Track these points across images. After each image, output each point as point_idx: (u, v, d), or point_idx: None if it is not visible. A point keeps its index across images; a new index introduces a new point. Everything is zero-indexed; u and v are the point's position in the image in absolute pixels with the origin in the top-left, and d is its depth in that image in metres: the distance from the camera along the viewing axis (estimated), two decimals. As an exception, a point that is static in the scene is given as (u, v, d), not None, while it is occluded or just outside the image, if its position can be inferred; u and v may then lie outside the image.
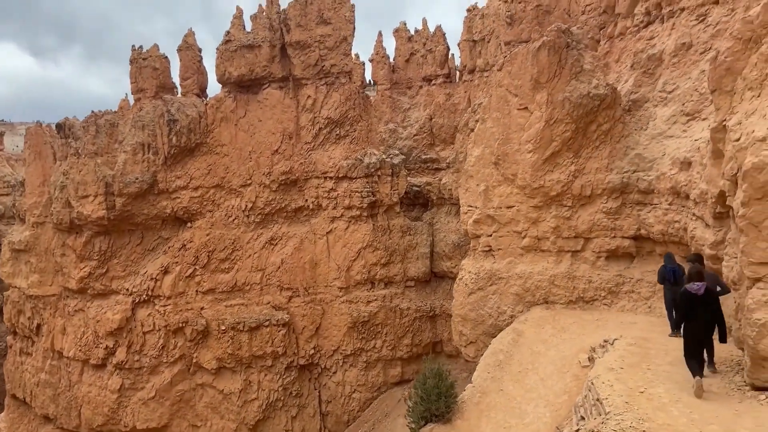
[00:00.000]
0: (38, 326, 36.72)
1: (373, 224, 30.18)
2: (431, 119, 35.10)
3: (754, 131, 8.71)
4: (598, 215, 17.66)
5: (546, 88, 17.75)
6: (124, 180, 30.08)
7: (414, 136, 35.32)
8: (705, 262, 12.26)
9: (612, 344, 13.34)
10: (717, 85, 10.14)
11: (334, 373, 31.15)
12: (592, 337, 15.17)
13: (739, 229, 8.67)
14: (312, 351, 30.98)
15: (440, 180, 32.53)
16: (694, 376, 9.14)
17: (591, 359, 13.94)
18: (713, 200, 11.14)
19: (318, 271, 30.80)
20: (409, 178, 32.59)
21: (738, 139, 9.07)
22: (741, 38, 9.75)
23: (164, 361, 31.34)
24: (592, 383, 9.63)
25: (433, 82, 36.66)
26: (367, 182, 29.93)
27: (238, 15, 30.70)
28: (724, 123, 9.82)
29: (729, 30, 10.64)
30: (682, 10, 18.25)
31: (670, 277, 13.35)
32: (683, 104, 16.81)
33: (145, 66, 31.98)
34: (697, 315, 9.33)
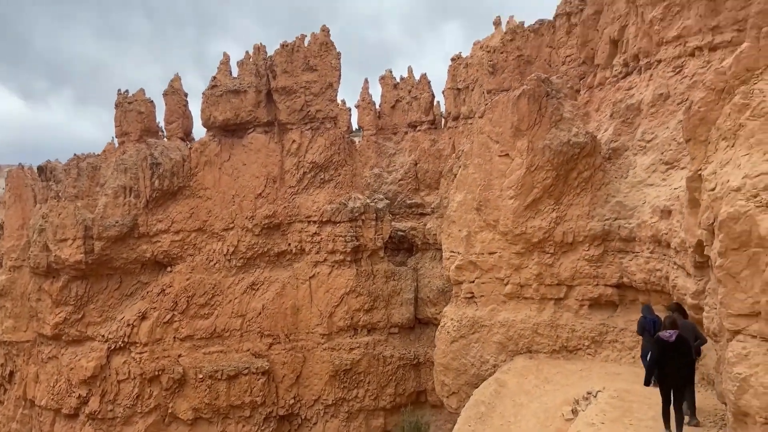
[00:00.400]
0: (11, 373, 35.60)
1: (357, 269, 29.84)
2: (416, 164, 35.28)
3: (728, 181, 8.65)
4: (581, 263, 17.48)
5: (526, 135, 17.83)
6: (104, 223, 29.66)
7: (399, 181, 35.41)
8: (687, 311, 12.10)
9: (595, 396, 13.01)
10: (691, 134, 10.15)
11: (315, 424, 30.21)
12: (576, 389, 14.78)
13: (717, 280, 8.51)
14: (292, 401, 30.11)
15: (425, 225, 32.44)
16: (666, 427, 9.33)
17: (575, 412, 13.53)
18: (692, 250, 11.02)
19: (300, 317, 30.24)
20: (394, 223, 32.45)
21: (713, 189, 9.00)
22: (714, 89, 9.82)
23: (138, 411, 30.31)
24: (572, 440, 9.25)
25: (418, 128, 37.02)
26: (351, 227, 29.75)
27: (225, 61, 31.00)
28: (699, 172, 9.78)
29: (702, 81, 10.75)
30: (659, 62, 18.59)
31: (650, 328, 13.24)
32: (662, 153, 16.92)
33: (131, 110, 32.02)
34: (668, 362, 9.31)
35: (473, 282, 19.01)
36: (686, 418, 9.76)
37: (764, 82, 8.99)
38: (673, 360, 9.24)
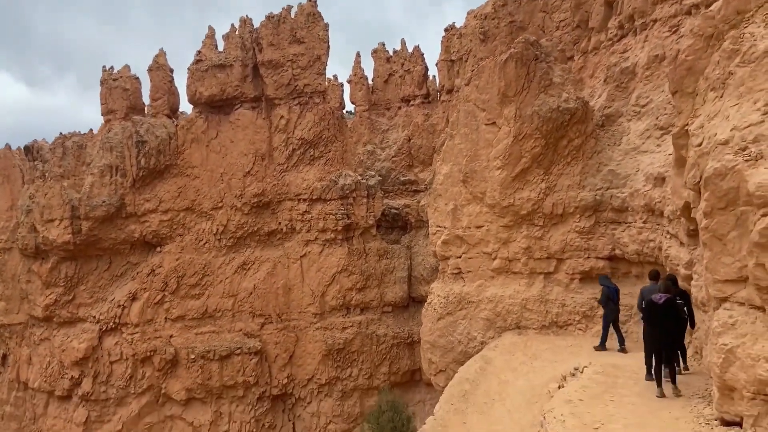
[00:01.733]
0: (4, 356, 35.45)
1: (349, 248, 29.17)
2: (410, 140, 34.38)
3: (716, 134, 7.84)
4: (571, 235, 16.72)
5: (514, 102, 16.95)
6: (91, 203, 29.07)
7: (392, 157, 34.55)
8: (681, 283, 11.37)
9: (582, 372, 12.37)
10: (678, 86, 9.31)
11: (309, 403, 29.81)
12: (565, 365, 14.10)
13: (703, 243, 7.75)
14: (285, 380, 29.68)
15: (419, 202, 31.64)
16: (658, 386, 9.45)
17: (561, 388, 12.89)
18: (679, 213, 10.24)
19: (291, 296, 29.68)
20: (387, 200, 31.69)
21: (700, 144, 8.20)
22: (702, 35, 8.95)
23: (132, 392, 30.02)
24: (545, 418, 8.59)
25: (411, 102, 36.04)
26: (342, 204, 29.02)
27: (210, 35, 30.08)
28: (686, 127, 8.96)
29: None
30: (655, 21, 17.61)
31: (614, 296, 13.87)
32: (657, 118, 16.05)
33: (116, 87, 31.22)
34: (655, 322, 9.48)
35: (460, 257, 18.30)
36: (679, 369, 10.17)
37: (755, 25, 8.12)
38: (662, 321, 9.38)
